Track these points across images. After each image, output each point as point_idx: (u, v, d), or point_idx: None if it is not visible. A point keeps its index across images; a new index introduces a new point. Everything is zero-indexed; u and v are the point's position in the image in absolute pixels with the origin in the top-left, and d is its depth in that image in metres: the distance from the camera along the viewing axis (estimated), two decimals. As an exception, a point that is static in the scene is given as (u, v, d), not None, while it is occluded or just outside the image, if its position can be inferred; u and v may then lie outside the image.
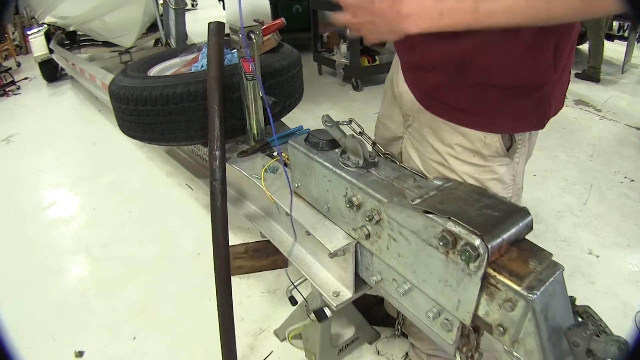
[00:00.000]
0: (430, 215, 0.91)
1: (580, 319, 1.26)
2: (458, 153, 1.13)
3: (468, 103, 1.06)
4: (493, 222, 0.89)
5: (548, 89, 1.05)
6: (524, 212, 0.94)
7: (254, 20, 1.74)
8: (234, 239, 2.78)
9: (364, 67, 5.51)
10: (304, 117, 4.39)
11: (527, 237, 0.96)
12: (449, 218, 0.88)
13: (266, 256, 2.53)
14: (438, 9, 0.86)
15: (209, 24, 1.73)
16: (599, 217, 3.16)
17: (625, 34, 6.21)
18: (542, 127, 1.12)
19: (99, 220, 3.40)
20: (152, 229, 3.16)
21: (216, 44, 1.70)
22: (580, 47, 6.54)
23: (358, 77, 5.59)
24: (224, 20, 1.75)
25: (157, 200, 3.55)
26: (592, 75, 5.61)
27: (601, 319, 1.24)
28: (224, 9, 12.09)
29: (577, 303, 1.29)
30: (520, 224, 0.92)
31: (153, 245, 2.98)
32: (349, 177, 1.13)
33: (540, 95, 1.05)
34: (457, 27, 0.86)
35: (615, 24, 6.31)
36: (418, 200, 0.97)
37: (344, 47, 5.66)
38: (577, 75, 5.74)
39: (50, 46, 6.88)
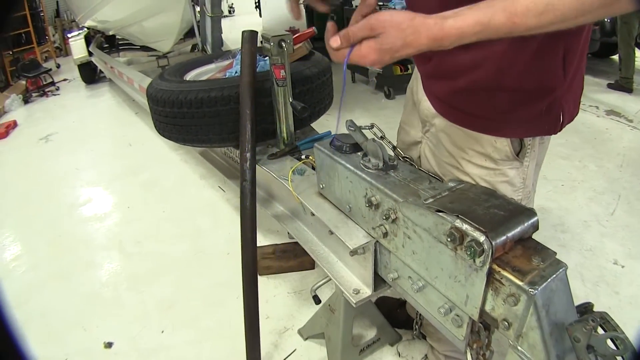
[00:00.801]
0: (440, 214, 0.98)
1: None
2: (471, 157, 1.21)
3: (479, 108, 1.13)
4: (499, 221, 0.96)
5: (559, 94, 1.09)
6: (530, 212, 1.00)
7: (287, 30, 1.82)
8: (263, 241, 2.87)
9: (396, 75, 5.59)
10: (335, 122, 4.43)
11: (552, 246, 1.01)
12: (457, 216, 0.95)
13: (294, 257, 2.61)
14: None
15: (243, 32, 1.83)
16: (627, 227, 3.13)
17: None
18: (555, 132, 1.17)
19: (133, 217, 3.53)
20: (184, 228, 3.27)
21: (249, 51, 1.80)
22: (612, 57, 6.47)
23: (390, 86, 5.66)
24: (260, 27, 1.84)
25: (190, 200, 3.67)
26: (624, 85, 5.54)
27: (618, 326, 1.27)
28: (260, 15, 12.28)
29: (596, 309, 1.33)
30: (526, 224, 0.98)
31: (184, 244, 3.08)
32: (368, 178, 1.21)
33: (551, 101, 1.10)
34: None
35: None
36: (430, 200, 1.05)
37: (377, 56, 5.71)
38: (610, 86, 5.68)
39: (90, 49, 7.10)
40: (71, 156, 4.87)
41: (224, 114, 1.95)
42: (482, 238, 0.89)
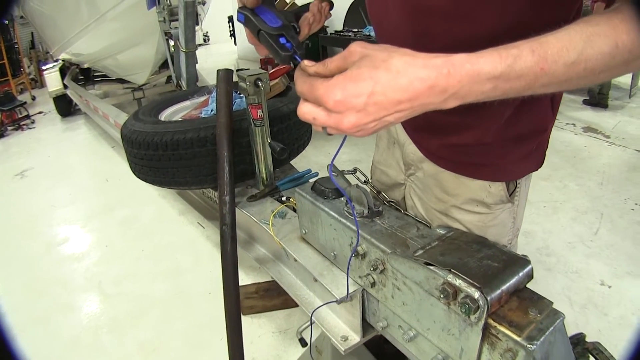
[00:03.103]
0: (431, 267, 0.93)
1: (591, 357, 1.26)
2: (461, 203, 1.16)
3: (473, 156, 1.09)
4: (493, 273, 0.91)
5: (548, 131, 1.08)
6: (523, 261, 0.96)
7: (263, 58, 1.79)
8: (245, 279, 2.81)
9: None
10: (315, 153, 4.45)
11: (538, 270, 0.97)
12: (450, 270, 0.90)
13: (277, 296, 2.56)
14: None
15: (218, 71, 1.79)
16: (611, 246, 3.15)
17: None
18: (541, 165, 1.15)
19: (112, 257, 3.46)
20: (164, 267, 3.21)
21: (225, 91, 1.75)
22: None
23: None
24: (235, 55, 1.81)
25: (169, 238, 3.61)
26: (600, 101, 5.63)
27: (612, 356, 1.24)
28: (235, 44, 12.34)
29: (588, 339, 1.30)
30: (520, 274, 0.94)
31: (165, 283, 3.02)
32: (353, 227, 1.16)
33: (541, 139, 1.09)
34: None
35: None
36: (420, 252, 1.00)
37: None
38: (585, 102, 5.77)
39: (65, 82, 7.07)
40: (47, 193, 4.80)
41: (201, 156, 1.90)
42: (476, 294, 0.85)
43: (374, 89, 0.64)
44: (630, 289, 2.76)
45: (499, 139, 1.04)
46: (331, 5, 1.07)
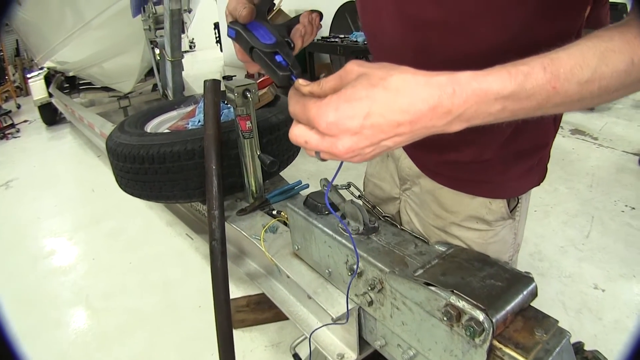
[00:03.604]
0: (433, 288, 0.89)
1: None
2: (461, 220, 1.11)
3: (472, 173, 1.05)
4: (497, 294, 0.88)
5: (550, 145, 1.05)
6: (527, 279, 0.93)
7: (247, 74, 1.75)
8: (235, 291, 2.76)
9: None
10: (303, 162, 4.39)
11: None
12: (452, 291, 0.87)
13: (269, 308, 2.51)
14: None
15: (205, 81, 1.74)
16: (603, 249, 3.15)
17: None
18: (543, 180, 1.11)
19: (99, 270, 3.40)
20: (153, 280, 3.15)
21: (212, 102, 1.71)
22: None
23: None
24: (221, 61, 1.76)
25: (157, 249, 3.55)
26: (587, 103, 5.66)
27: (611, 363, 1.21)
28: (221, 50, 12.30)
29: (587, 347, 1.27)
30: (525, 292, 0.91)
31: (154, 297, 2.96)
32: (349, 245, 1.12)
33: (543, 154, 1.05)
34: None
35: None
36: (420, 271, 0.96)
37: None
38: (572, 104, 5.79)
39: (50, 90, 6.99)
40: (33, 204, 4.72)
41: (188, 169, 1.85)
42: (481, 316, 0.81)
43: (370, 110, 0.59)
44: (623, 292, 2.75)
45: (499, 155, 1.00)
46: (321, 16, 1.03)
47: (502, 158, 1.01)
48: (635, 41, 0.57)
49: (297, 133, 0.66)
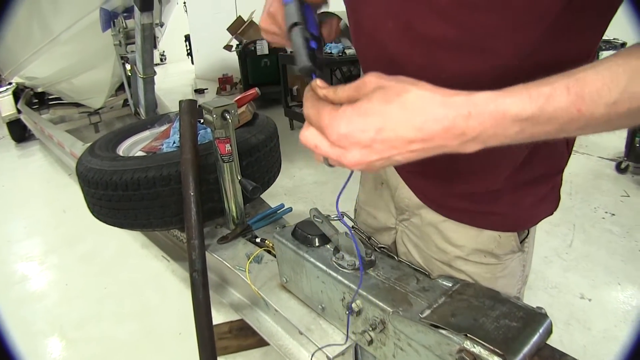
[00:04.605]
0: (444, 332, 0.82)
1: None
2: (467, 254, 1.02)
3: (481, 204, 0.97)
4: (513, 335, 0.81)
5: (562, 171, 0.99)
6: (541, 316, 0.86)
7: (220, 77, 1.66)
8: (216, 316, 2.63)
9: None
10: (280, 177, 4.27)
11: None
12: (466, 335, 0.79)
13: (252, 334, 2.40)
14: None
15: (180, 102, 1.65)
16: (586, 257, 3.14)
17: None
18: (557, 207, 1.04)
19: (73, 296, 3.24)
20: (130, 306, 3.01)
21: (189, 124, 1.62)
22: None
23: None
24: (192, 74, 1.67)
25: (133, 273, 3.40)
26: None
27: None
28: (192, 63, 12.18)
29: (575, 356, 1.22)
30: (541, 331, 0.84)
31: (131, 324, 2.83)
32: (346, 282, 1.03)
33: (556, 181, 0.99)
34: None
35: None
36: (427, 312, 0.88)
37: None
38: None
39: (18, 106, 6.79)
40: (2, 226, 4.53)
41: (164, 196, 1.75)
42: (500, 364, 0.74)
43: (383, 125, 0.58)
44: (610, 301, 2.74)
45: (510, 184, 0.93)
46: (340, 21, 0.98)
47: (513, 187, 0.93)
48: None
49: (309, 135, 0.66)
